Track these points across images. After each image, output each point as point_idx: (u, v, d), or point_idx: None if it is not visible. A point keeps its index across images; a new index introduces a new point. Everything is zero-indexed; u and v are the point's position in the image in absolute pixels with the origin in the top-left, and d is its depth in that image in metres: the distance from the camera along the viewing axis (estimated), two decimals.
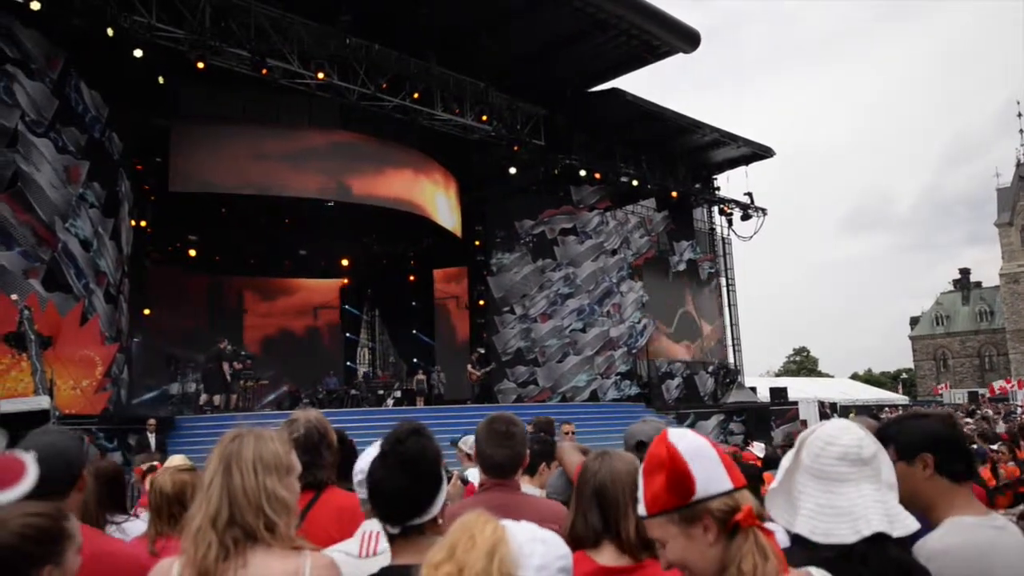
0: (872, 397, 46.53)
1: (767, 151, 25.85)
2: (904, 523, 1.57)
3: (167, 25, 14.28)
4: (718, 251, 28.40)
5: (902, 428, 2.02)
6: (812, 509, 1.58)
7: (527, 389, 22.73)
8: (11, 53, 13.29)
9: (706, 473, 1.39)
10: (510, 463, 2.54)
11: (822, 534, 1.55)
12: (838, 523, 1.54)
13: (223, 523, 1.69)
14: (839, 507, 1.56)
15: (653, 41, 19.51)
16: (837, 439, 1.62)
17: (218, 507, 1.71)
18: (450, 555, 1.20)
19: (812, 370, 78.72)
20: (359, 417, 15.25)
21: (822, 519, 1.56)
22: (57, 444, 2.35)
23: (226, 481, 1.73)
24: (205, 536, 1.69)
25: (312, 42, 15.96)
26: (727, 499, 1.38)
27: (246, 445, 1.78)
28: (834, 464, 1.59)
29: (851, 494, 1.56)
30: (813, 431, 1.68)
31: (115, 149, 15.59)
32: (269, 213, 21.87)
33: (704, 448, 1.42)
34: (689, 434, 1.46)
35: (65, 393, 12.86)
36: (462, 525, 1.24)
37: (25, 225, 13.25)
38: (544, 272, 23.27)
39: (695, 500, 1.38)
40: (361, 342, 28.86)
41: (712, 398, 25.16)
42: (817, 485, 1.59)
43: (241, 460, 1.75)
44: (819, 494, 1.59)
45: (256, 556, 1.70)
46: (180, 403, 18.45)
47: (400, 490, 1.84)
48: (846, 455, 1.59)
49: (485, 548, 1.19)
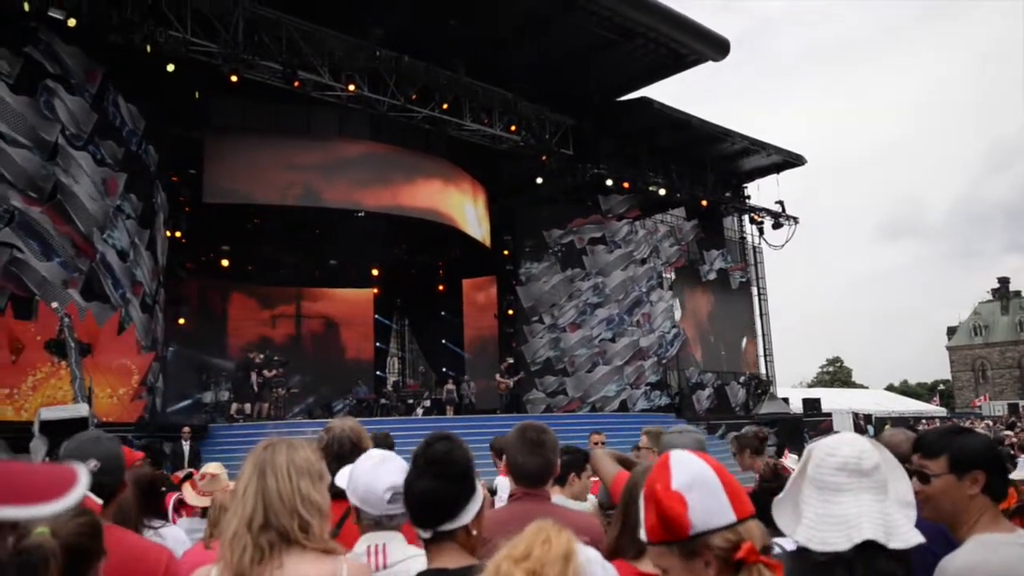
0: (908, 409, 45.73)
1: (798, 159, 25.64)
2: (903, 536, 1.55)
3: (201, 39, 14.54)
4: (749, 260, 28.17)
5: (958, 442, 2.01)
6: (812, 518, 1.61)
7: (556, 399, 22.69)
8: (52, 69, 13.61)
9: (705, 505, 1.34)
10: (541, 472, 2.54)
11: (819, 542, 1.57)
12: (833, 531, 1.56)
13: (258, 526, 1.72)
14: (836, 516, 1.58)
15: (681, 50, 19.48)
16: (837, 450, 1.64)
17: (252, 511, 1.74)
18: (527, 554, 1.21)
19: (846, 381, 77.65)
20: (390, 426, 15.30)
21: (819, 528, 1.58)
22: (111, 452, 2.41)
23: (260, 485, 1.76)
24: (240, 539, 1.72)
25: (343, 54, 16.15)
26: (729, 533, 1.32)
27: (279, 452, 1.82)
28: (833, 474, 1.61)
29: (847, 503, 1.58)
30: (818, 442, 1.71)
31: (151, 161, 15.88)
32: (300, 224, 22.11)
33: (705, 478, 1.37)
34: (692, 461, 1.40)
35: (103, 401, 13.08)
36: (537, 529, 1.25)
37: (64, 236, 13.53)
38: (573, 282, 23.24)
39: (693, 535, 1.33)
40: (391, 351, 28.98)
41: (744, 409, 24.95)
42: (818, 495, 1.62)
43: (275, 465, 1.79)
44: (819, 503, 1.61)
45: (291, 558, 1.72)
46: (213, 411, 18.67)
47: (429, 493, 1.86)
48: (844, 465, 1.61)
49: (561, 552, 1.21)
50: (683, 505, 1.33)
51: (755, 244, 28.09)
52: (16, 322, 12.87)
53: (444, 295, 27.03)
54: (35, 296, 13.11)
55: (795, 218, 25.73)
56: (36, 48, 13.40)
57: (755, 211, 26.00)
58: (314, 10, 15.79)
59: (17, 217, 12.99)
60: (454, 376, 22.73)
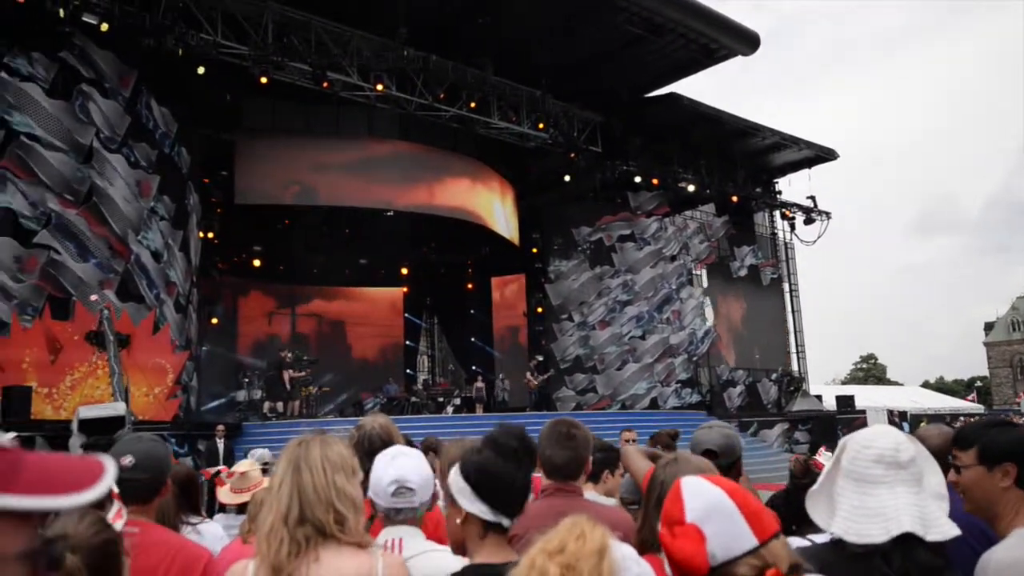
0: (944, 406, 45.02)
1: (830, 153, 25.34)
2: (940, 529, 1.54)
3: (232, 42, 14.71)
4: (780, 256, 27.89)
5: (989, 434, 1.99)
6: (848, 510, 1.60)
7: (586, 397, 22.64)
8: (86, 73, 13.84)
9: (723, 533, 1.30)
10: (571, 466, 2.54)
11: (855, 534, 1.56)
12: (870, 524, 1.55)
13: (294, 520, 1.73)
14: (872, 508, 1.57)
15: (711, 44, 19.32)
16: (873, 442, 1.63)
17: (288, 505, 1.75)
18: (561, 548, 1.20)
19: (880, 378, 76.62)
20: (420, 424, 15.40)
21: (856, 520, 1.57)
22: (152, 451, 2.43)
23: (295, 480, 1.78)
24: (277, 534, 1.73)
25: (371, 55, 16.23)
26: (752, 559, 1.28)
27: (313, 447, 1.83)
28: (869, 466, 1.60)
29: (884, 496, 1.57)
30: (853, 435, 1.69)
31: (183, 163, 16.08)
32: (330, 223, 22.30)
33: (719, 504, 1.33)
34: (704, 489, 1.36)
35: (138, 400, 13.29)
36: (572, 523, 1.24)
37: (100, 238, 13.75)
38: (602, 279, 23.16)
39: (715, 566, 1.29)
40: (421, 350, 29.10)
41: (776, 406, 24.71)
42: (853, 487, 1.61)
43: (310, 460, 1.80)
44: (854, 496, 1.60)
45: (328, 552, 1.73)
46: (246, 410, 18.87)
47: (525, 484, 1.87)
48: (881, 458, 1.60)
49: (595, 547, 1.20)
50: (700, 539, 1.30)
51: (786, 240, 27.81)
52: (54, 323, 13.11)
53: (473, 293, 27.09)
54: (72, 297, 13.34)
55: (827, 213, 25.43)
56: (71, 53, 13.63)
57: (786, 206, 25.74)
58: (342, 11, 15.90)
59: (54, 220, 13.23)
60: (483, 374, 22.77)
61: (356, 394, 22.63)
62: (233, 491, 4.13)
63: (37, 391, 12.47)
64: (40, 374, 12.81)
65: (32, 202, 13.07)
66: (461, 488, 1.83)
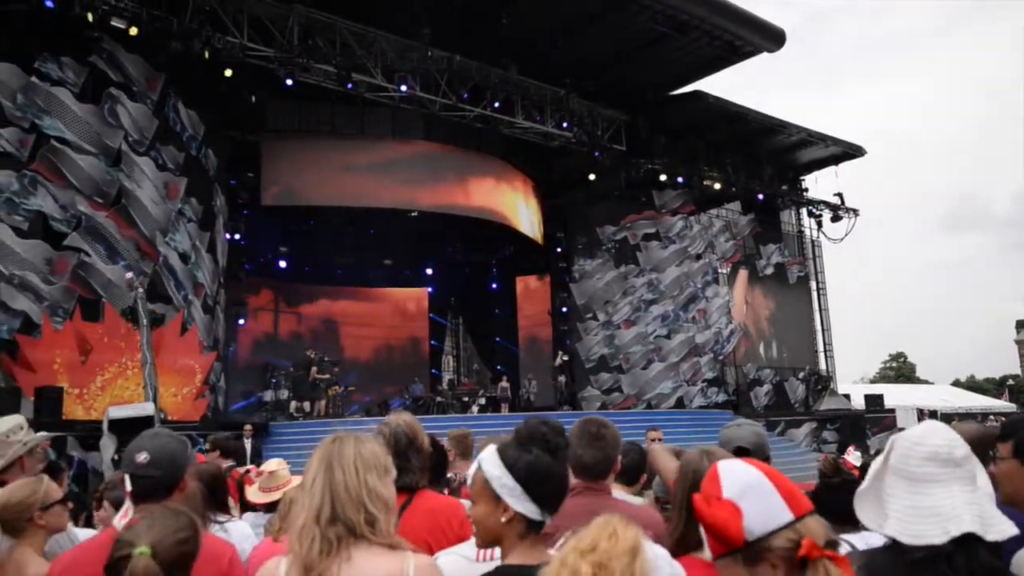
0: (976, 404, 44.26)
1: (857, 150, 25.07)
2: (1000, 527, 1.50)
3: (258, 44, 14.84)
4: (807, 254, 27.62)
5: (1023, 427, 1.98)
6: (901, 511, 1.54)
7: (611, 396, 22.56)
8: (115, 77, 14.01)
9: (760, 509, 1.33)
10: (601, 465, 2.53)
11: (911, 535, 1.50)
12: (927, 524, 1.50)
13: (326, 519, 1.73)
14: (927, 508, 1.51)
15: (736, 41, 19.18)
16: (926, 439, 1.57)
17: (320, 504, 1.75)
18: (593, 547, 1.20)
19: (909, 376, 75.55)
20: (446, 424, 15.42)
21: (911, 520, 1.52)
22: (166, 448, 2.44)
23: (328, 479, 1.77)
24: (309, 532, 1.73)
25: (395, 56, 16.30)
26: (789, 532, 1.31)
27: (346, 445, 1.83)
28: (922, 464, 1.55)
29: (940, 495, 1.52)
30: (903, 432, 1.65)
31: (210, 165, 16.22)
32: (355, 224, 22.42)
33: (756, 482, 1.37)
34: (740, 468, 1.41)
35: (167, 400, 13.41)
36: (604, 522, 1.24)
37: (129, 240, 13.91)
38: (627, 278, 23.07)
39: (752, 540, 1.32)
40: (446, 350, 29.16)
41: (803, 405, 24.48)
42: (905, 486, 1.55)
43: (343, 459, 1.80)
44: (907, 495, 1.54)
45: (359, 552, 1.73)
46: (273, 410, 19.01)
47: (568, 480, 1.87)
48: (935, 455, 1.54)
49: (628, 546, 1.20)
50: (737, 513, 1.33)
51: (813, 238, 27.53)
52: (84, 324, 13.28)
53: (498, 293, 27.13)
54: (102, 298, 13.51)
55: (855, 210, 25.15)
56: (100, 57, 13.80)
57: (813, 204, 25.50)
58: (366, 12, 15.97)
59: (84, 222, 13.41)
60: (508, 373, 22.78)
61: (382, 394, 22.73)
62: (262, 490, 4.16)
63: (68, 392, 12.63)
64: (71, 375, 12.98)
65: (62, 205, 13.25)
66: (510, 488, 1.78)
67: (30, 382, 12.23)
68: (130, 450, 2.43)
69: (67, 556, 2.34)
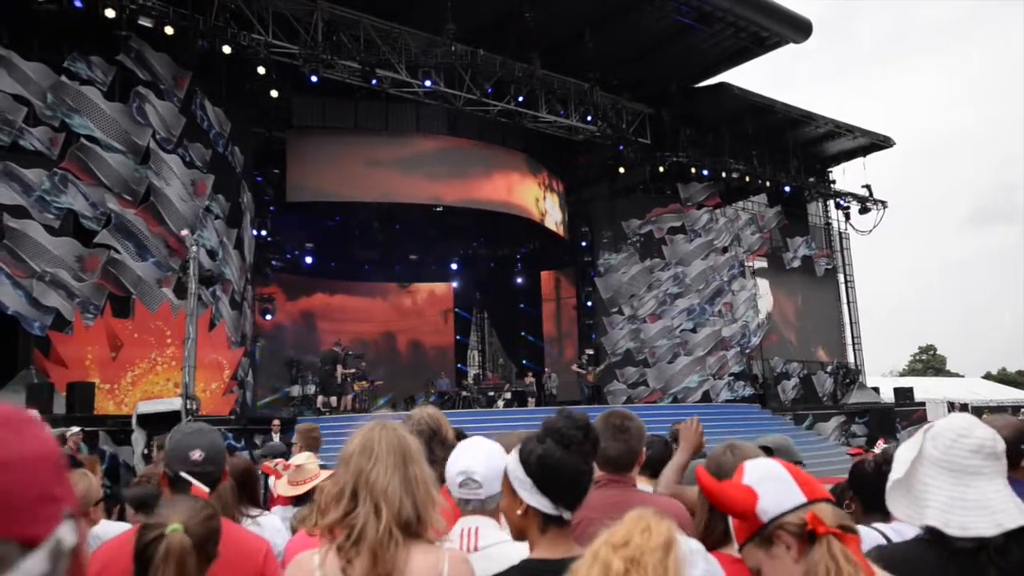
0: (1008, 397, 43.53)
1: (886, 141, 24.76)
2: None
3: (282, 41, 14.93)
4: (835, 246, 27.33)
5: None
6: (944, 502, 1.53)
7: (637, 390, 22.50)
8: (143, 75, 14.17)
9: (776, 491, 1.39)
10: (625, 458, 2.53)
11: (958, 527, 1.50)
12: (975, 516, 1.50)
13: (370, 509, 1.73)
14: (974, 500, 1.51)
15: (762, 32, 19.01)
16: (971, 431, 1.57)
17: (382, 495, 1.74)
18: (627, 540, 1.20)
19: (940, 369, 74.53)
20: (472, 418, 15.47)
21: (957, 512, 1.51)
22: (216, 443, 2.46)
23: (376, 468, 1.76)
24: (372, 523, 1.72)
25: (419, 51, 16.34)
26: (801, 512, 1.36)
27: (403, 435, 1.83)
28: (968, 457, 1.54)
29: (985, 488, 1.52)
30: (938, 424, 1.64)
31: (237, 162, 16.36)
32: (381, 219, 22.51)
33: (775, 471, 1.43)
34: (763, 461, 1.49)
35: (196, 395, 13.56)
36: (637, 516, 1.24)
37: (158, 237, 14.08)
38: (652, 272, 22.97)
39: (767, 521, 1.38)
40: (471, 344, 29.23)
41: (831, 399, 24.26)
42: (948, 478, 1.55)
43: (409, 451, 1.81)
44: (950, 487, 1.54)
45: (409, 546, 1.73)
46: (300, 404, 19.15)
47: (589, 476, 1.84)
48: (981, 448, 1.54)
49: (661, 541, 1.19)
50: (752, 494, 1.39)
51: (841, 230, 27.23)
52: (115, 320, 13.46)
53: (522, 287, 27.13)
54: (131, 295, 13.69)
55: (883, 202, 24.85)
56: (128, 56, 13.96)
57: (841, 196, 25.22)
58: (390, 8, 16.02)
59: (114, 220, 13.59)
60: (533, 368, 22.77)
61: (408, 389, 22.83)
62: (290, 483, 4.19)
63: (100, 387, 12.82)
64: (102, 370, 13.18)
65: (92, 203, 13.44)
66: (522, 480, 1.79)
67: (62, 377, 12.44)
68: (181, 447, 2.41)
69: (105, 550, 2.34)
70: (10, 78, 12.90)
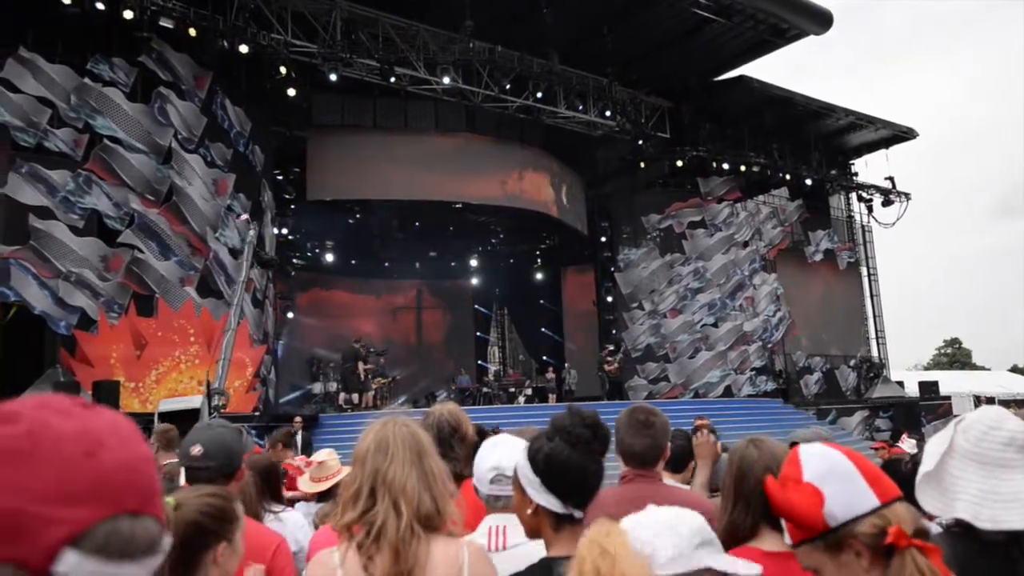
0: None
1: (909, 132, 24.48)
2: None
3: (301, 40, 15.01)
4: (857, 240, 27.08)
5: None
6: (975, 495, 1.50)
7: (658, 386, 22.43)
8: (164, 76, 14.29)
9: (843, 493, 1.29)
10: (650, 453, 2.53)
11: (989, 520, 1.47)
12: (1008, 509, 1.47)
13: (389, 505, 1.74)
14: (1006, 493, 1.48)
15: (781, 24, 18.85)
16: (1002, 423, 1.54)
17: (400, 489, 1.75)
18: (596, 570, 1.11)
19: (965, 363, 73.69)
20: (492, 414, 15.48)
21: (988, 505, 1.48)
22: (220, 438, 2.49)
23: (393, 465, 1.77)
24: (394, 519, 1.72)
25: (437, 48, 16.36)
26: (875, 519, 1.27)
27: (415, 431, 1.84)
28: (1000, 449, 1.51)
29: (1018, 481, 1.49)
30: (968, 416, 1.61)
31: (257, 161, 16.47)
32: (400, 217, 22.59)
33: (837, 466, 1.32)
34: (822, 451, 1.36)
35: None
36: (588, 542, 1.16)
37: (180, 236, 14.21)
38: (673, 267, 22.88)
39: (836, 526, 1.28)
40: (491, 341, 29.28)
41: (855, 393, 24.06)
42: (980, 471, 1.52)
43: (418, 444, 1.81)
44: (981, 479, 1.51)
45: (429, 539, 1.74)
46: (323, 401, 19.26)
47: (598, 474, 1.82)
48: (1013, 440, 1.51)
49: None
50: (818, 497, 1.30)
51: (863, 223, 26.97)
52: (139, 319, 13.60)
53: (542, 283, 27.14)
54: (155, 294, 13.82)
55: (907, 194, 24.59)
56: (149, 57, 14.08)
57: (863, 188, 24.99)
58: (407, 6, 16.05)
59: (137, 219, 13.72)
60: (554, 364, 22.78)
61: (428, 385, 22.91)
62: (312, 480, 4.22)
63: (124, 385, 12.94)
64: (127, 369, 13.32)
65: (116, 203, 13.58)
66: (530, 479, 1.77)
67: (88, 376, 12.58)
68: (185, 443, 2.49)
69: None
70: (35, 81, 13.06)
